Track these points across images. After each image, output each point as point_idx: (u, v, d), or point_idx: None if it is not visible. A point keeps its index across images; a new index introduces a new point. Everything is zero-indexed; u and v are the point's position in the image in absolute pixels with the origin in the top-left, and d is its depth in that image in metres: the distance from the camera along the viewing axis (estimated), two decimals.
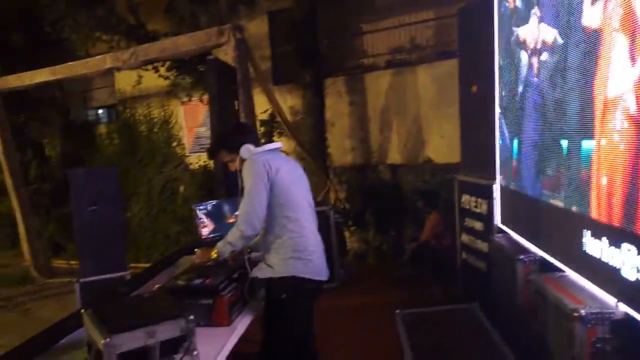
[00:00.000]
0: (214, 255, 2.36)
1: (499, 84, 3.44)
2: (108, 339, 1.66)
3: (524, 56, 2.86)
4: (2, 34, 8.31)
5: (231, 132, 2.54)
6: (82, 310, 1.95)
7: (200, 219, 3.05)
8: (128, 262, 4.61)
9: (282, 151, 2.64)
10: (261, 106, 6.10)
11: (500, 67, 3.40)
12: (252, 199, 2.27)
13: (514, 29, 2.99)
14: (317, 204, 3.35)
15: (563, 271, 2.41)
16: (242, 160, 2.42)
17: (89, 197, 3.88)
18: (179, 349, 1.79)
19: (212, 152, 2.61)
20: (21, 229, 7.36)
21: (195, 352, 1.82)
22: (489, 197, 3.63)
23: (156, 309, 1.87)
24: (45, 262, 7.48)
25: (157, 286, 2.39)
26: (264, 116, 6.65)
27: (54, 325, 2.32)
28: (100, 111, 10.86)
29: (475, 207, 3.90)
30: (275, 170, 2.32)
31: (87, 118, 10.66)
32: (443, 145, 6.03)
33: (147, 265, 6.11)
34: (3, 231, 9.42)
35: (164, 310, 1.86)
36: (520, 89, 2.94)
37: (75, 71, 6.19)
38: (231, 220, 3.09)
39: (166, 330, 1.76)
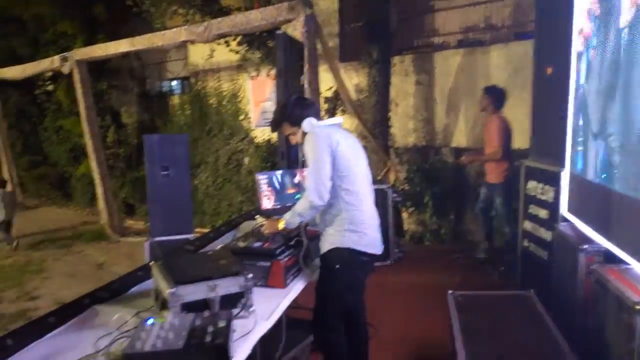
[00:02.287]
0: (281, 226, 2.43)
1: (578, 68, 3.27)
2: (174, 289, 1.80)
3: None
4: (87, 6, 8.83)
5: (293, 105, 2.54)
6: (152, 262, 2.11)
7: (262, 187, 3.16)
8: (194, 226, 4.87)
9: (343, 128, 2.67)
10: (326, 83, 6.14)
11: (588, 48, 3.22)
12: (318, 170, 2.32)
13: None
14: (376, 182, 3.38)
15: (628, 264, 2.31)
16: (304, 134, 2.47)
17: (161, 161, 4.10)
18: (237, 304, 1.91)
19: (274, 125, 2.67)
20: (98, 189, 7.91)
21: (251, 309, 1.93)
22: (556, 185, 3.50)
23: (219, 265, 2.00)
24: (119, 221, 8.02)
25: (220, 246, 2.53)
26: (328, 93, 6.68)
27: (126, 275, 2.52)
28: (173, 83, 11.34)
29: (542, 194, 3.78)
30: (336, 143, 2.36)
31: (161, 89, 11.17)
32: (514, 129, 5.81)
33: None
34: (83, 189, 10.18)
35: (225, 267, 1.98)
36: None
37: (153, 43, 6.50)
38: (291, 191, 3.19)
39: (227, 286, 1.89)
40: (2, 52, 10.82)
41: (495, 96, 4.68)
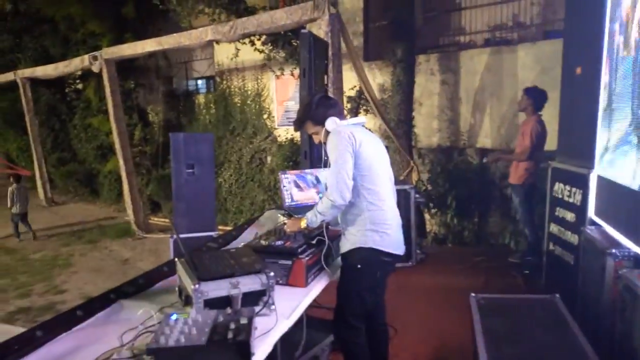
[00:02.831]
0: (303, 225, 2.43)
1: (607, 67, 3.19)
2: (197, 285, 1.82)
3: None
4: (116, 5, 9.01)
5: (317, 104, 2.53)
6: (176, 259, 2.15)
7: (285, 186, 3.18)
8: (216, 224, 4.93)
9: (366, 128, 2.67)
10: (350, 82, 6.13)
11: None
12: (340, 169, 2.31)
13: None
14: (399, 182, 3.36)
15: None
16: (327, 133, 2.47)
17: (186, 160, 4.16)
18: (258, 301, 1.93)
19: (298, 124, 2.68)
20: (125, 186, 8.07)
21: (273, 307, 1.94)
22: (584, 187, 3.42)
23: (241, 263, 2.02)
24: (144, 218, 8.17)
25: (242, 244, 2.56)
26: (352, 92, 6.66)
27: (151, 271, 2.57)
28: (199, 82, 11.48)
29: (569, 196, 3.70)
30: (359, 143, 2.36)
31: (187, 88, 11.32)
32: None
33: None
34: (110, 186, 10.40)
35: (248, 265, 2.00)
36: None
37: (179, 42, 6.59)
38: (313, 190, 3.20)
39: (249, 283, 1.90)
40: (35, 52, 11.14)
41: (536, 97, 4.63)
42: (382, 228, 2.41)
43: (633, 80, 2.67)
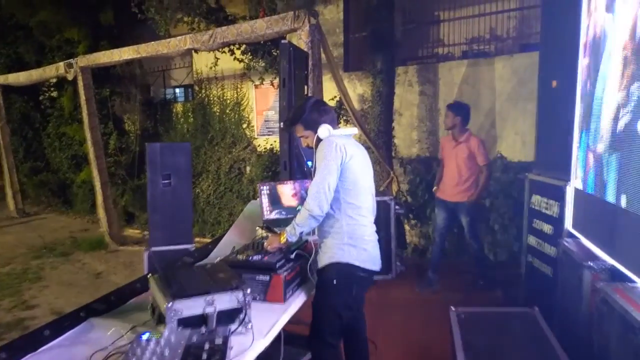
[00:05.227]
0: (283, 240, 2.39)
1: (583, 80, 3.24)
2: (171, 303, 1.76)
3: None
4: (93, 12, 8.87)
5: (310, 108, 2.49)
6: (149, 275, 2.08)
7: (264, 198, 3.12)
8: (194, 235, 4.82)
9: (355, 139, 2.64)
10: (330, 92, 6.12)
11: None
12: (323, 180, 2.28)
13: None
14: (378, 194, 3.34)
15: (635, 282, 2.26)
16: (319, 140, 2.42)
17: (162, 170, 4.05)
18: (234, 319, 1.87)
19: (288, 124, 2.62)
20: (99, 197, 7.88)
21: (249, 325, 1.88)
22: (561, 199, 3.45)
23: (216, 279, 1.96)
24: (118, 230, 7.98)
25: (219, 258, 2.49)
26: (332, 103, 6.66)
27: (123, 287, 2.48)
28: (177, 90, 11.36)
29: (546, 208, 3.73)
30: (349, 156, 2.33)
31: (165, 96, 11.18)
32: (517, 142, 5.78)
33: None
34: (84, 197, 10.17)
35: (223, 281, 1.94)
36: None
37: (158, 50, 6.49)
38: (293, 202, 3.15)
39: (224, 301, 1.85)
40: (9, 59, 10.88)
41: (463, 113, 4.64)
42: (360, 243, 2.37)
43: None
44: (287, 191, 3.18)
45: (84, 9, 8.77)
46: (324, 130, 2.41)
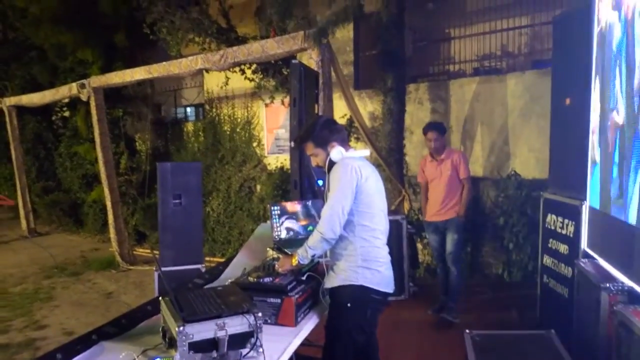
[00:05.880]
0: (294, 262, 2.36)
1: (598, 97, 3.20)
2: (182, 327, 1.73)
3: None
4: (106, 34, 9.01)
5: (321, 126, 2.48)
6: (160, 298, 2.05)
7: (275, 218, 3.10)
8: (204, 254, 4.81)
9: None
10: (340, 110, 6.12)
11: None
12: (337, 203, 2.27)
13: None
14: (390, 212, 3.31)
15: None
16: (332, 162, 2.41)
17: (173, 190, 4.06)
18: (246, 343, 1.83)
19: (299, 141, 2.61)
20: (110, 216, 7.91)
21: (260, 349, 1.84)
22: (576, 219, 3.39)
23: (228, 302, 1.92)
24: (129, 249, 7.98)
25: (229, 280, 2.46)
26: (342, 121, 6.66)
27: (134, 309, 2.46)
28: (188, 109, 11.46)
29: (561, 228, 3.66)
30: (365, 178, 2.33)
31: (176, 115, 11.27)
32: (531, 159, 5.72)
33: (222, 260, 6.35)
34: (95, 216, 10.21)
35: (235, 304, 1.90)
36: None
37: (169, 71, 6.57)
38: (303, 223, 3.12)
39: (236, 324, 1.81)
40: (23, 80, 11.07)
41: (444, 132, 4.69)
42: (374, 265, 2.34)
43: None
44: (299, 211, 3.15)
45: (97, 30, 8.91)
46: (337, 152, 2.40)
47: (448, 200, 4.50)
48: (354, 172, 2.30)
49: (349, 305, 2.32)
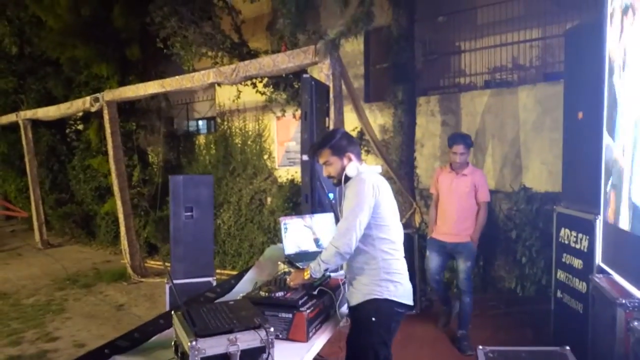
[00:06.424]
0: (306, 276, 2.36)
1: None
2: (194, 342, 1.73)
3: None
4: (120, 48, 9.15)
5: (341, 136, 2.52)
6: (173, 312, 2.06)
7: (285, 232, 3.10)
8: (214, 267, 4.81)
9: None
10: (351, 123, 6.14)
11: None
12: (355, 217, 2.27)
13: None
14: (402, 226, 3.29)
15: None
16: (347, 178, 2.43)
17: (185, 202, 4.09)
18: (257, 359, 1.83)
19: (313, 150, 2.61)
20: (122, 228, 7.96)
21: None
22: (590, 233, 3.35)
23: (239, 317, 1.93)
24: (141, 261, 8.01)
25: (241, 294, 2.46)
26: (353, 134, 6.67)
27: (147, 323, 2.46)
28: (200, 122, 11.55)
29: (575, 242, 3.62)
30: (382, 193, 2.36)
31: (188, 128, 11.37)
32: (543, 172, 5.68)
33: (232, 272, 6.35)
34: (107, 228, 10.29)
35: (246, 319, 1.91)
36: None
37: (182, 84, 6.65)
38: (314, 237, 3.11)
39: (248, 339, 1.81)
40: (38, 94, 11.26)
41: (471, 145, 4.32)
42: (396, 277, 2.36)
43: None
44: (310, 224, 3.15)
45: (111, 44, 9.05)
46: (353, 167, 2.43)
47: (462, 221, 4.18)
48: (371, 187, 2.32)
49: (373, 319, 2.32)
